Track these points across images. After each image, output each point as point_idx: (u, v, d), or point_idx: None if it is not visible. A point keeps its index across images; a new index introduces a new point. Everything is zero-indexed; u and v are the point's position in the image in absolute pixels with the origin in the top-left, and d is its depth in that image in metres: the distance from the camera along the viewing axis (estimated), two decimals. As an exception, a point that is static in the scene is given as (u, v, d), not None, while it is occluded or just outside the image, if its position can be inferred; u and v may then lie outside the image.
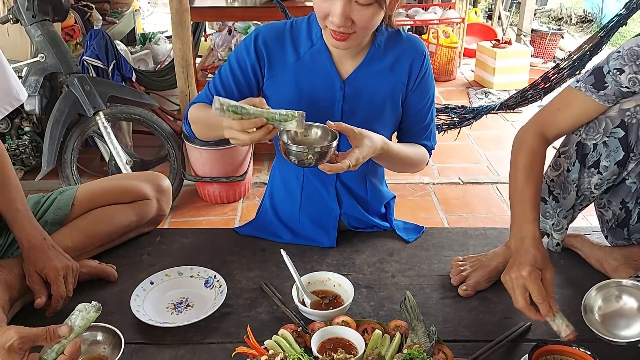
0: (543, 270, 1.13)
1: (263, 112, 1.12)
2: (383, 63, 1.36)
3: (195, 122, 1.39)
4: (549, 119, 1.28)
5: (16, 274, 1.25)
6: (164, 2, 6.95)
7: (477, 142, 3.74)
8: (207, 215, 2.93)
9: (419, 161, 1.46)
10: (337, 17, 1.16)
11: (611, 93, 1.19)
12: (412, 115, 1.44)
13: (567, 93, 1.26)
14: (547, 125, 1.28)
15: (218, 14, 3.38)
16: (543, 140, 1.28)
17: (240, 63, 1.37)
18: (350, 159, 1.20)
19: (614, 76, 1.18)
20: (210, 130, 1.34)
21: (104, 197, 1.47)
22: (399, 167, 1.44)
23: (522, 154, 1.26)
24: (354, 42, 1.24)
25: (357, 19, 1.18)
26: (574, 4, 7.77)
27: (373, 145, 1.25)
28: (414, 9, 5.28)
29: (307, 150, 1.16)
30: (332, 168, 1.19)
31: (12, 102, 1.32)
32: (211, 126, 1.32)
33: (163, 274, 1.36)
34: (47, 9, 2.68)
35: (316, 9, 1.22)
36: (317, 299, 1.26)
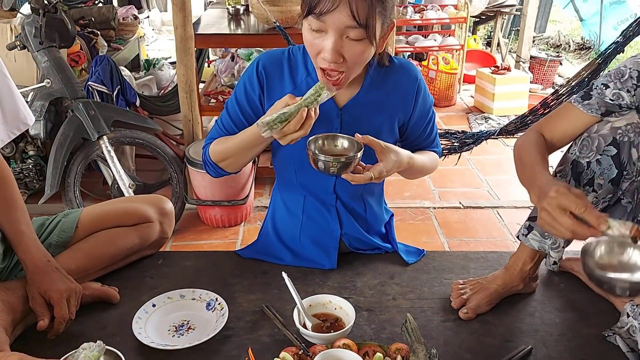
0: (569, 188, 1.08)
1: (301, 104, 1.18)
2: (379, 91, 1.39)
3: (223, 157, 1.41)
4: (546, 125, 1.34)
5: (19, 295, 1.26)
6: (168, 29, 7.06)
7: (478, 167, 3.76)
8: (209, 238, 2.93)
9: (434, 167, 1.55)
10: (328, 53, 1.18)
11: (594, 103, 1.26)
12: (417, 133, 1.49)
13: (563, 106, 1.34)
14: (544, 130, 1.33)
15: (221, 40, 3.43)
16: (543, 138, 1.32)
17: (246, 93, 1.39)
18: (373, 171, 1.27)
19: (599, 90, 1.25)
20: (246, 153, 1.38)
21: (107, 220, 1.49)
22: (417, 175, 1.53)
23: (525, 146, 1.30)
24: (345, 81, 1.26)
25: (348, 55, 1.20)
26: (571, 32, 7.87)
27: (399, 160, 1.31)
28: (413, 36, 5.37)
29: (333, 160, 1.23)
30: (354, 178, 1.25)
31: (19, 126, 1.35)
32: (246, 149, 1.36)
33: (165, 297, 1.36)
34: (53, 36, 2.73)
35: (308, 47, 1.24)
36: (318, 321, 1.27)
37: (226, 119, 1.43)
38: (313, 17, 1.17)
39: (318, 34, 1.19)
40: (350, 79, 1.27)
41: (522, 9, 5.51)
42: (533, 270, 1.41)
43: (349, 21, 1.15)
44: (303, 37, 1.25)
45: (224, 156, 1.41)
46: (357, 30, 1.16)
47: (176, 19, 2.84)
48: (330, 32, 1.17)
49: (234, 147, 1.37)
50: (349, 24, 1.15)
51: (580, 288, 1.47)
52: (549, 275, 1.53)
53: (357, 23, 1.15)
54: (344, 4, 1.13)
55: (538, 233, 1.36)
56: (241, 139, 1.35)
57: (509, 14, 6.12)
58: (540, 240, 1.36)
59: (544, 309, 1.40)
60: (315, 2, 1.15)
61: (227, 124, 1.42)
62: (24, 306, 1.26)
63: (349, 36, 1.18)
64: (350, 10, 1.13)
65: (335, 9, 1.14)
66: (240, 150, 1.37)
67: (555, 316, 1.37)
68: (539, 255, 1.39)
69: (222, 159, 1.41)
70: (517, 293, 1.43)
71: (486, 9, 5.74)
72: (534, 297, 1.44)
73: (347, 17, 1.14)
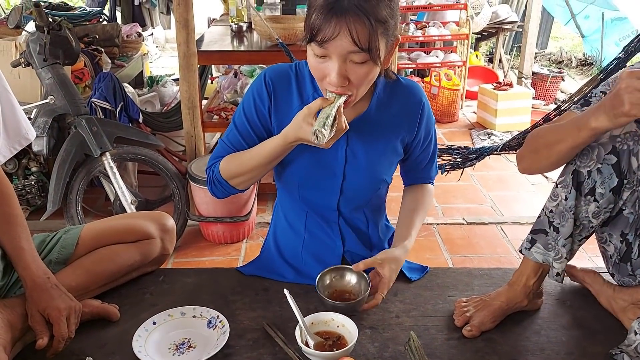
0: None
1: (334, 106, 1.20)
2: (385, 110, 1.39)
3: (238, 173, 1.38)
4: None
5: (19, 313, 1.25)
6: (172, 46, 7.12)
7: (481, 183, 3.75)
8: (211, 255, 2.92)
9: (427, 211, 1.57)
10: (334, 78, 1.18)
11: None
12: (417, 156, 1.49)
13: (564, 115, 1.37)
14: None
15: (224, 57, 3.45)
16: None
17: (256, 107, 1.38)
18: (382, 291, 1.36)
19: (598, 97, 1.28)
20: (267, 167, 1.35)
21: (108, 237, 1.48)
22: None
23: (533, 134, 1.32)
24: (354, 101, 1.26)
25: (353, 77, 1.20)
26: (573, 48, 7.91)
27: (397, 266, 1.40)
28: (416, 52, 5.40)
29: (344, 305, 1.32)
30: (370, 306, 1.36)
31: (20, 142, 1.35)
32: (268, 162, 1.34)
33: (165, 314, 1.35)
34: (58, 53, 2.75)
35: (314, 72, 1.24)
36: (320, 340, 1.25)
37: (234, 136, 1.41)
38: (315, 45, 1.17)
39: (322, 59, 1.19)
40: (358, 98, 1.27)
41: (524, 26, 5.54)
42: (537, 286, 1.40)
43: (351, 47, 1.14)
44: (307, 61, 1.25)
45: (239, 172, 1.38)
46: (360, 54, 1.16)
47: (179, 36, 2.86)
48: (334, 57, 1.17)
49: (254, 161, 1.34)
50: (351, 49, 1.15)
51: (586, 305, 1.45)
52: (554, 292, 1.51)
53: (360, 48, 1.14)
54: (344, 32, 1.13)
55: (541, 246, 1.35)
56: (264, 152, 1.32)
57: (510, 30, 6.16)
58: (544, 252, 1.35)
59: (549, 326, 1.38)
60: (316, 31, 1.15)
61: (236, 140, 1.40)
62: (23, 324, 1.25)
63: (352, 60, 1.17)
64: (351, 36, 1.13)
65: (336, 37, 1.14)
66: (262, 164, 1.34)
67: (561, 334, 1.35)
68: (542, 269, 1.38)
69: (236, 175, 1.38)
70: (522, 310, 1.41)
71: (488, 25, 5.77)
72: (540, 314, 1.42)
73: (349, 43, 1.14)
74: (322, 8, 1.14)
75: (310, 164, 1.37)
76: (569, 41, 8.34)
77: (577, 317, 1.41)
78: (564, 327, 1.38)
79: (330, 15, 1.13)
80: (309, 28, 1.17)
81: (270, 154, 1.32)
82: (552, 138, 1.26)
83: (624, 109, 1.05)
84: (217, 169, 1.40)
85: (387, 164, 1.43)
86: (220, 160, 1.41)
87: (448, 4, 5.33)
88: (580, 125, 1.17)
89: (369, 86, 1.28)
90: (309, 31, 1.17)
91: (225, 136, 1.44)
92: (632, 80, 1.04)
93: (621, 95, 1.05)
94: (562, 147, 1.23)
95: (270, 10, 3.70)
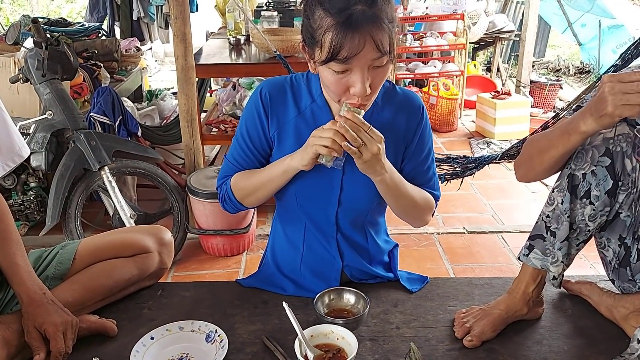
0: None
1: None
2: (382, 119, 1.38)
3: (250, 192, 1.40)
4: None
5: (15, 329, 1.24)
6: (171, 60, 7.15)
7: (481, 191, 3.74)
8: (211, 268, 2.90)
9: (425, 203, 1.43)
10: (360, 88, 1.17)
11: None
12: (413, 167, 1.44)
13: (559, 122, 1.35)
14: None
15: (222, 70, 3.47)
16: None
17: (255, 122, 1.38)
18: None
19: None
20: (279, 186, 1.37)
21: (105, 251, 1.47)
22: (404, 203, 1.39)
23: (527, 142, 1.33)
24: (370, 105, 1.27)
25: (374, 83, 1.20)
26: (571, 56, 7.94)
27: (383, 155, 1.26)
28: (413, 63, 5.42)
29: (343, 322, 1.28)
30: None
31: (14, 159, 1.35)
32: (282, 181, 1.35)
33: (164, 329, 1.33)
34: (56, 69, 2.76)
35: (334, 88, 1.21)
36: (320, 352, 1.24)
37: (239, 153, 1.42)
38: (337, 62, 1.15)
39: (343, 74, 1.18)
40: (372, 102, 1.28)
41: (521, 35, 5.57)
42: (536, 293, 1.39)
43: (375, 54, 1.15)
44: (323, 78, 1.23)
45: (250, 191, 1.40)
46: (382, 59, 1.17)
47: (177, 50, 2.87)
48: (357, 70, 1.16)
49: (265, 181, 1.36)
50: (375, 56, 1.15)
51: (588, 313, 1.44)
52: (555, 301, 1.50)
53: (382, 53, 1.15)
54: (369, 43, 1.13)
55: (539, 251, 1.34)
56: (276, 172, 1.34)
57: (507, 39, 6.19)
58: (542, 258, 1.34)
59: (551, 335, 1.36)
60: (338, 49, 1.13)
61: (240, 157, 1.42)
62: (19, 340, 1.24)
63: (374, 65, 1.17)
64: (376, 45, 1.13)
65: (362, 50, 1.13)
66: (275, 185, 1.36)
67: (563, 343, 1.34)
68: (541, 276, 1.37)
69: (248, 194, 1.40)
70: (522, 319, 1.39)
71: (485, 35, 5.80)
72: (541, 323, 1.41)
73: (373, 51, 1.14)
74: (338, 26, 1.12)
75: (308, 176, 1.37)
76: (566, 49, 8.37)
77: (579, 325, 1.40)
78: (566, 336, 1.36)
79: (351, 31, 1.12)
80: (327, 49, 1.14)
81: (286, 173, 1.33)
82: (543, 144, 1.29)
83: (608, 110, 1.09)
84: (229, 188, 1.42)
85: None
86: (229, 178, 1.43)
87: (445, 15, 5.36)
88: (570, 130, 1.20)
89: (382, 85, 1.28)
90: (329, 51, 1.14)
91: (229, 154, 1.45)
92: (615, 83, 1.07)
93: (605, 98, 1.09)
94: (554, 152, 1.25)
95: (267, 23, 3.72)
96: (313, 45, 1.20)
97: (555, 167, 1.31)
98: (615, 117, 1.09)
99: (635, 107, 1.06)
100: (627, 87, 1.06)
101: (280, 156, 1.37)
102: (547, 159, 1.28)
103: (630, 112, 1.07)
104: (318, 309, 1.32)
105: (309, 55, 1.24)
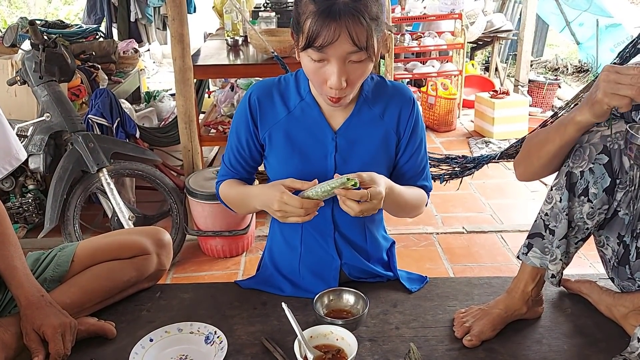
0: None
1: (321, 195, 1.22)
2: (373, 112, 1.39)
3: (233, 204, 1.48)
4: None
5: (13, 332, 1.23)
6: (169, 61, 7.13)
7: (480, 191, 3.74)
8: (210, 270, 2.90)
9: (419, 201, 1.45)
10: (335, 80, 1.20)
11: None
12: (406, 160, 1.45)
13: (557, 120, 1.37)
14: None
15: (220, 71, 3.46)
16: None
17: (244, 127, 1.41)
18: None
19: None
20: (244, 207, 1.45)
21: (103, 253, 1.47)
22: (401, 208, 1.42)
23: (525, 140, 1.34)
24: (347, 99, 1.29)
25: (352, 77, 1.22)
26: (569, 55, 7.93)
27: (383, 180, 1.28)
28: (412, 63, 5.41)
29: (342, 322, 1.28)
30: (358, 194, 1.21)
31: (11, 162, 1.35)
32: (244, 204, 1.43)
33: (162, 331, 1.33)
34: (53, 71, 2.75)
35: (313, 77, 1.26)
36: (319, 353, 1.23)
37: (232, 158, 1.46)
38: (313, 50, 1.18)
39: (320, 63, 1.21)
40: (351, 97, 1.29)
41: (519, 34, 5.56)
42: (535, 292, 1.39)
43: (351, 48, 1.17)
44: (303, 67, 1.26)
45: (233, 203, 1.47)
46: (359, 54, 1.18)
47: (175, 51, 2.87)
48: (333, 61, 1.19)
49: (242, 201, 1.43)
50: (350, 50, 1.17)
51: (588, 312, 1.44)
52: (554, 300, 1.50)
53: (358, 47, 1.17)
54: (344, 34, 1.15)
55: (538, 250, 1.34)
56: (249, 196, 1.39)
57: (505, 39, 6.18)
58: (540, 257, 1.34)
59: (551, 335, 1.36)
60: (314, 36, 1.16)
61: (234, 162, 1.46)
62: (17, 343, 1.23)
63: (351, 60, 1.19)
64: (351, 38, 1.15)
65: (336, 40, 1.15)
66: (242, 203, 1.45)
67: (563, 342, 1.33)
68: (540, 275, 1.37)
69: (232, 205, 1.48)
70: (522, 319, 1.39)
71: (483, 34, 5.80)
72: (541, 322, 1.41)
73: (349, 45, 1.16)
74: (317, 14, 1.15)
75: (300, 175, 1.37)
76: (564, 48, 8.37)
77: (579, 325, 1.40)
78: (566, 336, 1.36)
79: (329, 20, 1.14)
80: (305, 35, 1.18)
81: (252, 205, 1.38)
82: (541, 138, 1.30)
83: (598, 96, 1.10)
84: (219, 197, 1.50)
85: (379, 168, 1.40)
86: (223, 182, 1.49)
87: (443, 14, 5.35)
88: (566, 122, 1.21)
89: (361, 83, 1.30)
90: (306, 38, 1.18)
91: (225, 156, 1.49)
92: (610, 73, 1.09)
93: (598, 85, 1.11)
94: (551, 146, 1.26)
95: (265, 24, 3.72)
96: (297, 31, 1.23)
97: (553, 162, 1.31)
98: (604, 105, 1.10)
99: (625, 99, 1.07)
100: (621, 78, 1.07)
101: (273, 156, 1.40)
102: (544, 153, 1.29)
103: (619, 103, 1.08)
104: (317, 309, 1.31)
105: (295, 42, 1.26)
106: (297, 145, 1.38)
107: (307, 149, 1.38)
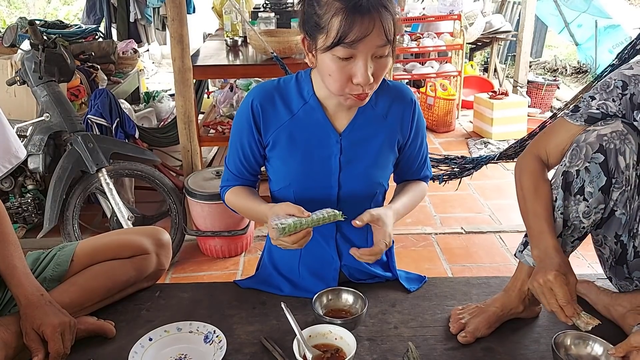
0: (567, 275, 1.18)
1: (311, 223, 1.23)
2: (376, 112, 1.39)
3: (236, 210, 1.48)
4: (541, 143, 1.38)
5: (13, 331, 1.24)
6: (168, 62, 7.14)
7: (479, 192, 3.74)
8: (209, 270, 2.90)
9: (420, 200, 1.52)
10: (364, 76, 1.18)
11: (579, 115, 1.31)
12: (410, 157, 1.48)
13: (555, 122, 1.39)
14: (540, 148, 1.37)
15: (220, 72, 3.46)
16: (541, 161, 1.36)
17: (247, 132, 1.40)
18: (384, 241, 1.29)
19: (586, 102, 1.30)
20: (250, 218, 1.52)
21: (103, 253, 1.47)
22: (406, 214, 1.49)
23: (524, 176, 1.35)
24: (370, 96, 1.28)
25: (376, 73, 1.21)
26: (568, 56, 7.95)
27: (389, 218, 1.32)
28: (411, 63, 5.42)
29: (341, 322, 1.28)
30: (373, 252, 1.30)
31: (11, 160, 1.35)
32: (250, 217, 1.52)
33: (162, 330, 1.34)
34: (53, 71, 2.75)
35: (337, 76, 1.21)
36: (318, 352, 1.24)
37: (235, 163, 1.45)
38: (343, 47, 1.16)
39: (346, 61, 1.19)
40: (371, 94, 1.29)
41: (518, 35, 5.57)
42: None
43: (381, 41, 1.16)
44: (324, 68, 1.23)
45: (240, 212, 1.48)
46: (384, 48, 1.19)
47: (174, 52, 2.87)
48: (361, 57, 1.18)
49: (248, 214, 1.46)
50: (380, 43, 1.17)
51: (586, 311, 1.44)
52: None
53: (388, 40, 1.17)
54: (378, 27, 1.15)
55: None
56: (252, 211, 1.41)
57: (504, 40, 6.19)
58: None
59: (549, 334, 1.36)
60: (346, 32, 1.14)
61: (236, 166, 1.45)
62: (17, 342, 1.24)
63: (377, 55, 1.19)
64: (384, 30, 1.15)
65: (369, 34, 1.14)
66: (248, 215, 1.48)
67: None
68: None
69: (239, 213, 1.49)
70: (519, 317, 1.40)
71: (482, 35, 5.80)
72: (539, 322, 1.42)
73: (379, 38, 1.16)
74: (347, 9, 1.14)
75: (304, 177, 1.37)
76: (563, 49, 8.38)
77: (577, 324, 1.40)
78: (564, 335, 1.36)
79: (360, 15, 1.14)
80: (335, 33, 1.15)
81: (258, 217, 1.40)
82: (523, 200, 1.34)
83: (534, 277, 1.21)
84: (225, 202, 1.50)
85: (383, 167, 1.42)
86: (228, 188, 1.48)
87: (442, 15, 5.36)
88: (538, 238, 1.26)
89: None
90: (336, 35, 1.15)
91: (228, 160, 1.48)
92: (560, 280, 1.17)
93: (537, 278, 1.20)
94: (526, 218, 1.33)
95: (264, 25, 3.72)
96: (316, 32, 1.20)
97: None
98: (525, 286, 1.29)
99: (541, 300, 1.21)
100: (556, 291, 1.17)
101: (276, 158, 1.39)
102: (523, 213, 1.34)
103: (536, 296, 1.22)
104: (316, 309, 1.32)
105: (310, 46, 1.24)
106: (301, 148, 1.38)
107: (311, 151, 1.38)
